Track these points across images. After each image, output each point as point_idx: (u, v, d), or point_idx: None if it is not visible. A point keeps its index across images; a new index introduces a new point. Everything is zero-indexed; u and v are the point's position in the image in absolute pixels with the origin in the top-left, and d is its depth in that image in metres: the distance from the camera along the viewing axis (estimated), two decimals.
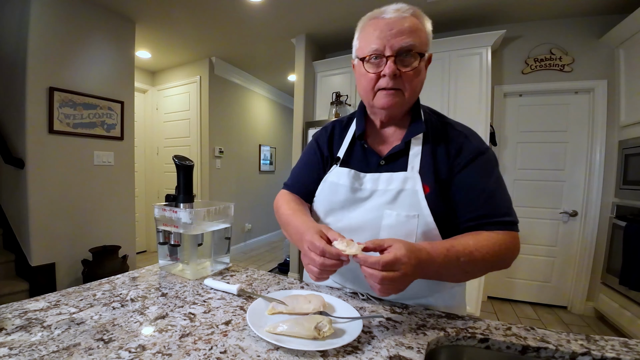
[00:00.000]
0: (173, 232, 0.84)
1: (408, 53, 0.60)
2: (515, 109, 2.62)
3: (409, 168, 0.66)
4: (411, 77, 0.62)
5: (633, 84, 2.11)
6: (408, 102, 0.66)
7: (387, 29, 0.60)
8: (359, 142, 0.74)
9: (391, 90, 0.63)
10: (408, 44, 0.59)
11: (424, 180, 0.64)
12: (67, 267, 2.28)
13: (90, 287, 0.73)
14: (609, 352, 0.50)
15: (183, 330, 0.54)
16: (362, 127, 0.73)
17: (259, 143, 4.63)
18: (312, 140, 0.83)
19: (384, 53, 0.60)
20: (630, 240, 1.95)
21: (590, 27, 2.35)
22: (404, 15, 0.60)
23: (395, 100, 0.64)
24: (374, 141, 0.74)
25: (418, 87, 0.65)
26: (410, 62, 0.61)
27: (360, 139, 0.73)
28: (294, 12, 2.52)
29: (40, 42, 2.07)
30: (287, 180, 0.85)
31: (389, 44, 0.60)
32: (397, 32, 0.59)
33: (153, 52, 3.35)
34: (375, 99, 0.66)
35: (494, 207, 0.61)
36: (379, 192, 0.67)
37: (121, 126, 2.58)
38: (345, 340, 0.49)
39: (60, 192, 2.23)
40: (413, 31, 0.59)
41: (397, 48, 0.59)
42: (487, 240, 0.58)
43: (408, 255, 0.50)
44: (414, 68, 0.61)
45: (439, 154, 0.66)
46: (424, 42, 0.61)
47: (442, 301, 0.71)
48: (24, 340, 0.49)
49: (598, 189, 2.38)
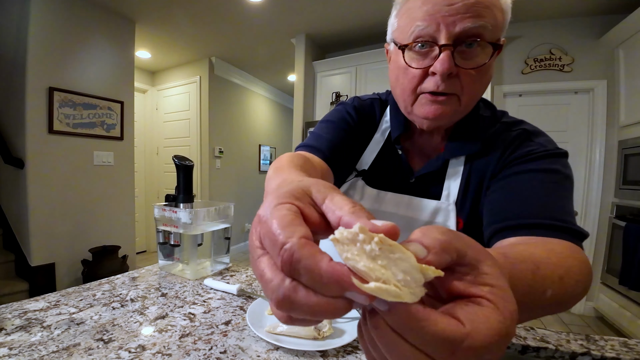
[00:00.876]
0: (173, 232, 0.84)
1: (474, 41, 0.39)
2: (515, 109, 2.62)
3: (443, 196, 0.50)
4: (474, 78, 0.42)
5: (633, 84, 2.11)
6: (464, 110, 0.46)
7: (445, 2, 0.38)
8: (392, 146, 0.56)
9: (442, 96, 0.43)
10: (477, 25, 0.38)
11: (460, 211, 0.49)
12: (67, 267, 2.28)
13: (90, 287, 0.73)
14: (608, 352, 0.50)
15: (183, 330, 0.54)
16: (402, 127, 0.53)
17: (258, 143, 4.62)
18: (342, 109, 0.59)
19: (437, 40, 0.40)
20: (629, 240, 1.95)
21: (590, 27, 2.36)
22: None
23: (446, 110, 0.44)
24: (410, 147, 0.56)
25: (481, 92, 0.45)
26: (476, 55, 0.40)
27: (396, 142, 0.55)
28: (294, 12, 2.52)
29: (40, 42, 2.07)
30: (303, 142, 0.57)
31: (446, 25, 0.39)
32: (461, 6, 0.38)
33: (153, 52, 3.34)
34: (415, 104, 0.46)
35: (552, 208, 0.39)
36: (398, 217, 0.52)
37: (121, 126, 2.57)
38: (345, 340, 0.49)
39: (60, 192, 2.22)
40: (486, 6, 0.38)
41: (457, 32, 0.39)
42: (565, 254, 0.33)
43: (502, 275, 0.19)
44: (481, 65, 0.41)
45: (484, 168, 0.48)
46: (499, 25, 0.40)
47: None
48: (23, 341, 0.49)
49: (598, 189, 2.38)
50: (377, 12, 2.49)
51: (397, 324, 0.15)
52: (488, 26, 0.39)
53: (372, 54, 2.73)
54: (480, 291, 0.16)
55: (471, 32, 0.39)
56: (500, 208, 0.42)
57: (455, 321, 0.15)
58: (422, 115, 0.45)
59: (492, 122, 0.52)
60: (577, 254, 0.35)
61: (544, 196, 0.40)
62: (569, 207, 0.40)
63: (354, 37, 2.94)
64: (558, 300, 0.30)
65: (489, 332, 0.15)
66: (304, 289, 0.16)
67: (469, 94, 0.43)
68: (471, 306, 0.16)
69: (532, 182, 0.42)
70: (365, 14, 2.51)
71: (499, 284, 0.17)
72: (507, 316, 0.16)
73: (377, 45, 3.02)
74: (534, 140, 0.46)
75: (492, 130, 0.50)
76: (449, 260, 0.17)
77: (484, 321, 0.15)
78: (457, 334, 0.15)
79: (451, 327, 0.15)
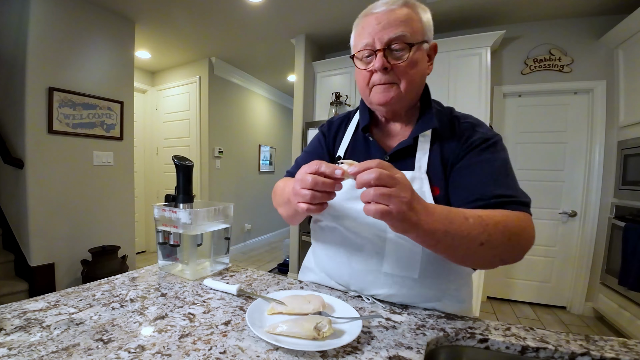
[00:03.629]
0: (172, 232, 0.84)
1: (398, 44, 0.57)
2: (514, 110, 2.62)
3: (416, 167, 0.61)
4: (405, 69, 0.58)
5: (632, 84, 2.11)
6: (406, 95, 0.61)
7: (376, 22, 0.58)
8: (363, 135, 0.70)
9: (385, 84, 0.60)
10: (396, 34, 0.56)
11: (433, 181, 0.60)
12: (67, 267, 2.28)
13: (89, 287, 0.73)
14: (608, 353, 0.50)
15: (182, 330, 0.54)
16: (367, 119, 0.68)
17: (258, 143, 4.62)
18: (318, 133, 0.80)
19: (374, 47, 0.58)
20: (629, 241, 1.95)
21: (590, 28, 2.36)
22: (392, 8, 0.58)
23: (391, 94, 0.60)
24: (379, 135, 0.70)
25: (417, 79, 0.61)
26: (401, 54, 0.57)
27: (365, 131, 0.69)
28: (293, 12, 2.53)
29: (39, 42, 2.07)
30: (290, 169, 0.81)
31: (378, 37, 0.57)
32: (386, 24, 0.57)
33: (153, 52, 3.34)
34: (371, 95, 0.62)
35: (500, 186, 0.55)
36: None
37: (121, 126, 2.57)
38: (345, 341, 0.49)
39: (59, 192, 2.22)
40: (403, 21, 0.56)
41: (385, 40, 0.57)
42: (498, 212, 0.51)
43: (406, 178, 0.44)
44: (405, 59, 0.57)
45: (448, 151, 0.61)
46: (416, 32, 0.58)
47: (450, 306, 0.66)
48: (23, 341, 0.49)
49: (597, 190, 2.38)
50: None
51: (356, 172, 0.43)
52: (407, 34, 0.56)
53: None
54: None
55: (394, 39, 0.57)
56: (468, 190, 0.57)
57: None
58: (377, 102, 0.62)
59: (444, 112, 0.67)
60: (524, 216, 0.53)
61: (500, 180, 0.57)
62: (517, 184, 0.58)
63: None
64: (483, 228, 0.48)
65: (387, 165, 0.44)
66: (319, 177, 0.46)
67: (405, 81, 0.59)
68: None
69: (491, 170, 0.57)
70: None
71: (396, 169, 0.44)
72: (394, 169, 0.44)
73: None
74: (478, 130, 0.62)
75: (447, 119, 0.65)
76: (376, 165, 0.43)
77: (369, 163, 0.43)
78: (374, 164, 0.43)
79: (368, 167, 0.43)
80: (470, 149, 0.60)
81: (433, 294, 0.65)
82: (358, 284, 0.68)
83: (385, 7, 0.58)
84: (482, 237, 0.48)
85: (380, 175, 0.41)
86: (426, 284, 0.63)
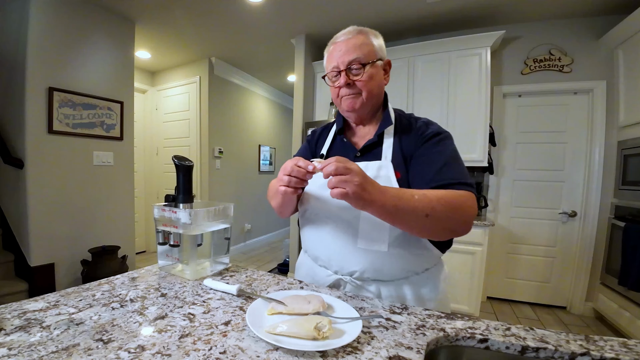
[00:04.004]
0: (172, 232, 0.84)
1: (355, 64, 0.73)
2: (514, 110, 2.62)
3: (382, 157, 0.76)
4: (363, 83, 0.74)
5: (632, 84, 2.11)
6: (368, 102, 0.77)
7: (338, 49, 0.75)
8: (339, 137, 0.87)
9: (350, 95, 0.76)
10: (353, 58, 0.73)
11: (395, 167, 0.74)
12: (67, 267, 2.28)
13: (89, 287, 0.73)
14: (608, 353, 0.50)
15: (182, 330, 0.54)
16: (341, 123, 0.86)
17: (258, 143, 4.62)
18: (304, 142, 0.99)
19: (339, 68, 0.75)
20: (629, 241, 1.95)
21: (590, 28, 2.36)
22: (349, 37, 0.75)
23: (355, 102, 0.76)
24: (352, 137, 0.86)
25: (374, 89, 0.76)
26: (359, 72, 0.74)
27: (340, 133, 0.86)
28: (293, 12, 2.53)
29: (39, 42, 2.07)
30: None
31: (341, 61, 0.74)
32: (345, 50, 0.74)
33: (153, 52, 3.35)
34: (342, 104, 0.79)
35: (448, 172, 0.69)
36: None
37: (121, 126, 2.57)
38: (345, 341, 0.49)
39: (59, 192, 2.22)
40: (358, 47, 0.74)
41: (346, 62, 0.74)
42: (441, 190, 0.64)
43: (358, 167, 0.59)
44: (362, 75, 0.74)
45: (406, 143, 0.77)
46: (369, 53, 0.74)
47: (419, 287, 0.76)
48: (23, 341, 0.49)
49: (597, 190, 2.38)
50: (376, 13, 2.50)
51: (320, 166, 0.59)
52: (361, 56, 0.73)
53: None
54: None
55: (352, 61, 0.73)
56: (425, 174, 0.70)
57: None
58: (346, 109, 0.79)
59: (404, 115, 0.83)
60: (466, 194, 0.65)
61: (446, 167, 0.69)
62: (463, 170, 0.71)
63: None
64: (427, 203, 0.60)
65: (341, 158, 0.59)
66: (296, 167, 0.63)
67: (365, 91, 0.75)
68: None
69: (441, 158, 0.71)
70: (365, 14, 2.51)
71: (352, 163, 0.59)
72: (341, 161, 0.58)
73: None
74: (430, 127, 0.77)
75: (407, 120, 0.81)
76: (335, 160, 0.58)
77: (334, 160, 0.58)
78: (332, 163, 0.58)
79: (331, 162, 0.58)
80: (425, 140, 0.74)
81: (401, 268, 0.75)
82: (337, 262, 0.78)
83: (344, 37, 0.76)
84: (427, 210, 0.60)
85: (337, 167, 0.56)
86: (394, 258, 0.73)
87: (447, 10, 2.43)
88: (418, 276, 0.76)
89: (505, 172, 2.65)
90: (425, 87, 2.55)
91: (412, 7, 2.39)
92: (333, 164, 0.56)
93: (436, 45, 2.49)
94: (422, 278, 0.76)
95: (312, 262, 0.86)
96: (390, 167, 0.73)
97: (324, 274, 0.81)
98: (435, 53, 2.50)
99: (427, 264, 0.77)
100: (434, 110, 2.51)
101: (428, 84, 2.54)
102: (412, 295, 0.75)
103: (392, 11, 2.46)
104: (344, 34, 0.76)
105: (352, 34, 0.75)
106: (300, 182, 0.64)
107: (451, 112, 2.45)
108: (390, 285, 0.75)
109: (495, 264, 2.66)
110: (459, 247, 2.19)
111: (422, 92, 2.56)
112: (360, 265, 0.75)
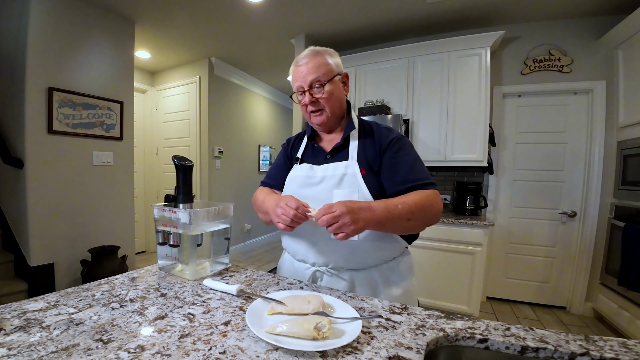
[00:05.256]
0: (172, 232, 0.84)
1: (316, 84, 0.83)
2: (514, 110, 2.62)
3: (349, 158, 0.86)
4: (327, 99, 0.84)
5: (632, 84, 2.11)
6: (332, 116, 0.87)
7: (300, 72, 0.85)
8: (310, 143, 0.96)
9: (317, 112, 0.87)
10: (313, 78, 0.83)
11: (360, 165, 0.83)
12: (66, 267, 2.27)
13: (89, 287, 0.73)
14: (607, 353, 0.50)
15: (182, 330, 0.54)
16: (310, 131, 0.97)
17: (258, 143, 4.62)
18: (281, 149, 1.09)
19: (304, 88, 0.84)
20: (628, 241, 1.95)
21: (589, 28, 2.36)
22: (308, 60, 0.84)
23: (322, 117, 0.87)
24: (320, 142, 0.96)
25: (336, 104, 0.87)
26: (319, 90, 0.84)
27: (311, 139, 0.96)
28: (293, 12, 2.53)
29: (39, 42, 2.07)
30: (264, 179, 1.05)
31: (304, 81, 0.84)
32: (306, 73, 0.83)
33: (153, 52, 3.34)
34: (311, 119, 0.90)
35: (415, 174, 0.81)
36: (327, 177, 0.86)
37: (120, 126, 2.57)
38: (345, 341, 0.50)
39: (59, 192, 2.22)
40: (316, 67, 0.83)
41: (308, 83, 0.83)
42: (414, 194, 0.77)
43: (341, 203, 0.67)
44: (323, 92, 0.84)
45: (369, 145, 0.87)
46: (327, 72, 0.84)
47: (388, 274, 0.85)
48: (22, 341, 0.49)
49: (597, 190, 2.38)
50: (376, 13, 2.50)
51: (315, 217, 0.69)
52: (320, 76, 0.83)
53: (371, 54, 2.73)
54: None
55: (313, 80, 0.83)
56: (396, 178, 0.81)
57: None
58: (315, 124, 0.91)
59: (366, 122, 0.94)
60: (432, 193, 0.78)
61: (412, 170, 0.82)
62: (425, 169, 0.84)
63: (353, 38, 2.94)
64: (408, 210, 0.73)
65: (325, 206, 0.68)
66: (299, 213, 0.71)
67: (328, 107, 0.85)
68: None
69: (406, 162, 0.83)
70: (365, 14, 2.51)
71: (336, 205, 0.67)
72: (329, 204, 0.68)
73: (376, 46, 3.03)
74: (392, 132, 0.89)
75: (369, 126, 0.91)
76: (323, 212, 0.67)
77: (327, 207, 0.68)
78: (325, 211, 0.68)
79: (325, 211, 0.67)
80: (389, 144, 0.85)
81: (372, 257, 0.84)
82: (314, 254, 0.86)
83: (305, 60, 0.84)
84: (408, 215, 0.73)
85: (328, 219, 0.65)
86: (366, 249, 0.82)
87: (447, 10, 2.43)
88: (387, 264, 0.86)
89: (505, 172, 2.65)
90: (425, 87, 2.55)
91: (412, 7, 2.39)
92: (323, 219, 0.66)
93: (436, 46, 2.49)
94: (390, 266, 0.86)
95: (292, 258, 0.93)
96: (356, 165, 0.83)
97: (303, 268, 0.88)
98: (435, 53, 2.50)
99: (395, 253, 0.87)
100: (433, 110, 2.51)
101: (428, 84, 2.54)
102: (381, 281, 0.84)
103: (392, 11, 2.46)
104: (303, 57, 0.85)
105: (310, 57, 0.84)
106: (296, 224, 0.73)
107: (451, 112, 2.45)
108: (362, 272, 0.84)
109: (495, 264, 2.66)
110: (459, 247, 2.19)
111: (421, 92, 2.56)
112: (334, 255, 0.83)
